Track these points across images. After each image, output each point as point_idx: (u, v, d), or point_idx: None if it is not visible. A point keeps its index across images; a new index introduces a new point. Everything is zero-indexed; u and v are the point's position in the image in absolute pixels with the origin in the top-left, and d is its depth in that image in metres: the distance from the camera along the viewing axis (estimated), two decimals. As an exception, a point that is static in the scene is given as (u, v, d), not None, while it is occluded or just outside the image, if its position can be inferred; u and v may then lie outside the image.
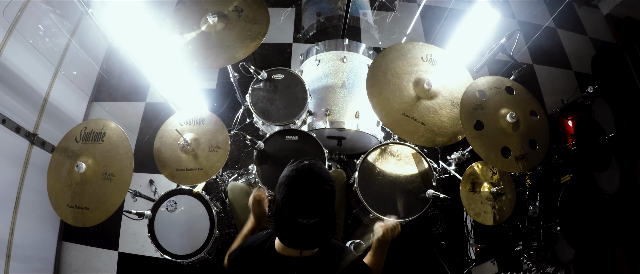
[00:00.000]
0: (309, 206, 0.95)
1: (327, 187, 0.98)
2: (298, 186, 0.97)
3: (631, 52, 3.50)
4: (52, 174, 1.60)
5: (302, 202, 0.95)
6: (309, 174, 0.98)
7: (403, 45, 1.79)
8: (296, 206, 0.95)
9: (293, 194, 0.96)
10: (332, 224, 1.02)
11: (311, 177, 0.98)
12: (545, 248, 2.27)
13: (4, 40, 2.06)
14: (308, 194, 0.96)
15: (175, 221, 1.81)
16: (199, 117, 1.78)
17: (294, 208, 0.95)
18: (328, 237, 1.02)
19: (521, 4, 3.84)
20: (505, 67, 2.88)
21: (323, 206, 0.97)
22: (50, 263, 2.37)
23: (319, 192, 0.97)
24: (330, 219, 1.00)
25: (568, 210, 2.09)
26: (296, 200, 0.96)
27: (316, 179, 0.98)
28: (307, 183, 0.97)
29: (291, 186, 0.97)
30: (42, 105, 2.38)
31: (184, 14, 1.87)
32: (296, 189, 0.96)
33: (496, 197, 1.82)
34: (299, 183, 0.97)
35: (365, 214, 1.81)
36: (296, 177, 0.98)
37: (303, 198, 0.95)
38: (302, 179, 0.97)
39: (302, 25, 3.45)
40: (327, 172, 1.02)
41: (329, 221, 0.99)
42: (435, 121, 1.66)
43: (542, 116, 1.69)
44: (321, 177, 0.98)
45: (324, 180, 0.98)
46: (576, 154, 2.31)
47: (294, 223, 0.95)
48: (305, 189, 0.96)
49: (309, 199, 0.95)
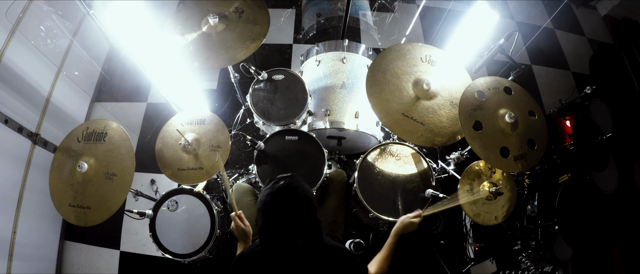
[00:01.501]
0: (289, 229, 0.93)
1: (307, 205, 0.96)
2: (275, 211, 0.94)
3: (629, 52, 3.50)
4: (54, 173, 1.60)
5: (281, 227, 0.93)
6: (284, 196, 0.95)
7: (402, 46, 1.79)
8: (275, 232, 0.93)
9: (271, 220, 0.94)
10: (319, 239, 1.00)
11: (287, 199, 0.95)
12: (543, 247, 2.28)
13: (7, 41, 2.07)
14: (286, 218, 0.93)
15: (176, 221, 1.81)
16: (200, 118, 1.78)
17: (273, 234, 0.94)
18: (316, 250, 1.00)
19: (519, 5, 3.85)
20: (503, 67, 2.90)
21: (304, 226, 0.94)
22: (52, 262, 2.38)
23: (297, 213, 0.94)
24: (315, 235, 0.98)
25: (566, 209, 2.09)
26: (275, 226, 0.93)
27: (293, 200, 0.95)
28: (283, 206, 0.94)
29: (267, 212, 0.95)
30: (44, 105, 2.38)
31: (185, 14, 1.87)
32: (273, 215, 0.94)
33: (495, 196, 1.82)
34: (275, 208, 0.94)
35: (365, 213, 1.81)
36: (271, 202, 0.95)
37: (282, 223, 0.93)
38: (278, 203, 0.94)
39: (302, 26, 3.46)
40: (304, 189, 0.99)
41: (313, 238, 0.97)
42: (434, 121, 1.66)
43: (541, 115, 1.69)
44: (297, 197, 0.96)
45: (302, 198, 0.96)
46: (574, 154, 2.30)
47: (280, 247, 0.93)
48: (282, 213, 0.94)
49: (288, 222, 0.93)
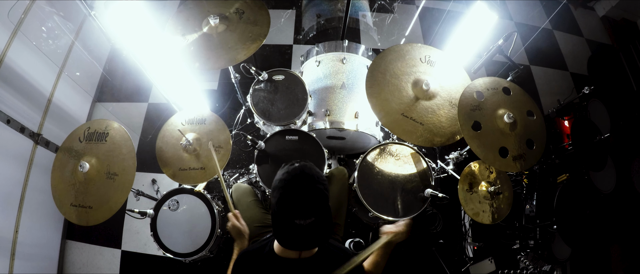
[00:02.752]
0: (303, 206, 0.96)
1: (320, 187, 0.99)
2: (291, 188, 0.97)
3: (626, 53, 3.51)
4: (56, 173, 1.61)
5: (296, 204, 0.96)
6: (300, 176, 0.99)
7: (402, 47, 1.80)
8: (291, 208, 0.96)
9: (287, 196, 0.97)
10: (329, 223, 1.02)
11: (303, 178, 0.98)
12: (542, 247, 2.29)
13: (9, 41, 2.08)
14: (301, 195, 0.96)
15: (177, 220, 1.82)
16: (200, 118, 1.79)
17: (288, 209, 0.96)
18: (326, 236, 1.03)
19: (518, 5, 3.86)
20: (502, 68, 2.91)
21: (317, 206, 0.97)
22: (54, 261, 2.38)
23: (312, 192, 0.97)
24: (326, 217, 1.00)
25: (564, 209, 2.10)
26: (290, 202, 0.96)
27: (308, 180, 0.98)
28: (299, 184, 0.98)
29: (284, 188, 0.98)
30: (46, 105, 2.39)
31: (186, 15, 1.89)
32: (289, 191, 0.97)
33: (494, 196, 1.84)
34: (291, 185, 0.98)
35: (365, 213, 1.82)
36: (288, 180, 0.99)
37: (297, 199, 0.96)
38: (295, 181, 0.98)
39: (303, 27, 3.46)
40: (319, 172, 1.03)
41: (325, 220, 1.00)
42: (433, 121, 1.67)
43: (539, 116, 1.70)
44: (312, 177, 0.99)
45: (315, 180, 0.99)
46: (572, 154, 2.32)
47: (291, 225, 0.96)
48: (298, 191, 0.97)
49: (302, 199, 0.96)
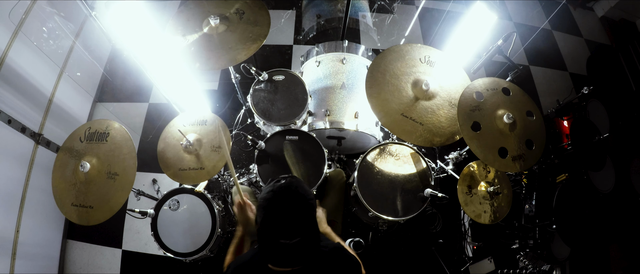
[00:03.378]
0: (288, 227, 0.93)
1: (306, 205, 0.97)
2: (275, 208, 0.96)
3: (625, 53, 3.51)
4: (57, 173, 1.61)
5: (280, 224, 0.94)
6: (285, 194, 0.97)
7: (401, 47, 1.80)
8: (275, 229, 0.94)
9: (271, 216, 0.95)
10: (316, 239, 1.01)
11: (288, 197, 0.96)
12: (541, 246, 2.29)
13: (10, 42, 2.09)
14: (286, 215, 0.95)
15: (177, 220, 1.82)
16: (201, 118, 1.80)
17: (273, 230, 0.94)
18: (312, 252, 1.01)
19: (517, 6, 3.87)
20: (502, 68, 2.92)
21: (302, 225, 0.95)
22: (55, 260, 2.39)
23: (297, 212, 0.96)
24: (313, 235, 0.99)
25: (564, 209, 2.10)
26: (274, 223, 0.94)
27: (293, 198, 0.96)
28: (284, 204, 0.96)
29: (268, 208, 0.96)
30: (47, 106, 2.40)
31: (186, 16, 1.89)
32: (273, 212, 0.95)
33: (493, 196, 1.84)
34: (275, 205, 0.96)
35: (365, 213, 1.82)
36: (272, 199, 0.97)
37: (281, 220, 0.94)
38: (279, 200, 0.96)
39: (303, 27, 3.47)
40: (305, 189, 1.01)
41: (311, 238, 0.98)
42: (433, 121, 1.67)
43: (539, 116, 1.70)
44: (298, 195, 0.97)
45: (301, 197, 0.98)
46: (572, 154, 2.31)
47: (276, 244, 0.94)
48: (282, 211, 0.95)
49: (287, 220, 0.94)
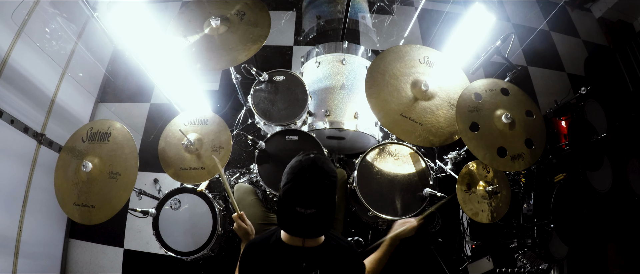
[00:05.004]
0: (306, 196, 0.99)
1: (327, 181, 1.01)
2: (299, 176, 1.00)
3: (623, 54, 3.52)
4: (59, 173, 1.62)
5: (300, 192, 0.99)
6: (311, 167, 1.01)
7: (401, 48, 1.80)
8: (295, 195, 0.99)
9: (293, 183, 1.00)
10: (330, 216, 1.05)
11: (313, 170, 1.01)
12: (539, 245, 2.30)
13: (12, 43, 2.10)
14: (307, 185, 0.99)
15: (179, 219, 1.82)
16: (202, 118, 1.81)
17: (292, 196, 1.00)
18: (325, 228, 1.06)
19: (516, 7, 3.88)
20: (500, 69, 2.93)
21: (321, 198, 1.00)
22: (57, 259, 2.40)
23: (318, 185, 1.00)
24: (329, 211, 1.03)
25: (561, 208, 2.11)
26: (295, 189, 0.99)
27: (317, 172, 1.01)
28: (308, 175, 1.00)
29: (293, 175, 1.01)
30: (49, 106, 2.41)
31: (188, 17, 1.89)
32: (297, 179, 1.00)
33: (492, 195, 1.85)
34: (300, 174, 1.01)
35: (364, 212, 1.82)
36: (299, 168, 1.02)
37: (302, 188, 0.99)
38: (304, 171, 1.01)
39: (303, 28, 3.48)
40: (330, 167, 1.05)
41: (326, 213, 1.02)
42: (432, 121, 1.68)
43: (539, 115, 1.71)
44: (323, 171, 1.01)
45: (325, 173, 1.01)
46: (569, 154, 2.33)
47: (292, 211, 0.99)
48: (305, 180, 1.00)
49: (307, 190, 0.99)
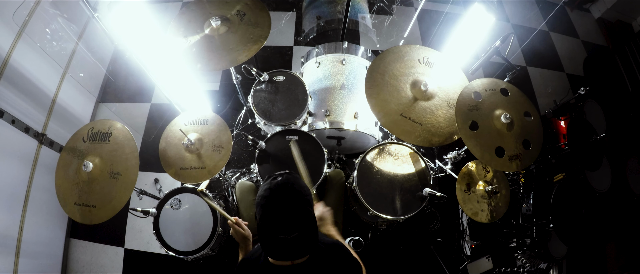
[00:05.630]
0: (285, 223, 0.96)
1: (301, 201, 0.99)
2: (272, 205, 0.98)
3: (622, 54, 3.52)
4: (60, 173, 1.62)
5: (278, 221, 0.96)
6: (281, 191, 0.99)
7: (400, 48, 1.81)
8: (273, 225, 0.96)
9: (268, 214, 0.97)
10: (315, 233, 1.03)
11: (284, 194, 0.98)
12: (538, 245, 2.30)
13: (14, 43, 2.11)
14: (283, 212, 0.97)
15: (179, 219, 1.83)
16: (202, 118, 1.81)
17: (271, 227, 0.96)
18: (312, 245, 1.03)
19: (515, 7, 3.89)
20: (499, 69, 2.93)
21: (299, 220, 0.97)
22: (58, 259, 2.41)
23: (293, 208, 0.98)
24: (311, 229, 1.01)
25: (561, 208, 2.12)
26: (272, 220, 0.97)
27: (289, 195, 0.98)
28: (280, 201, 0.98)
29: (265, 206, 0.98)
30: (50, 106, 2.42)
31: (188, 17, 1.90)
32: (270, 209, 0.97)
33: (491, 195, 1.86)
34: (272, 202, 0.98)
35: (364, 212, 1.83)
36: (269, 197, 0.99)
37: (278, 217, 0.96)
38: (275, 198, 0.98)
39: (303, 29, 3.49)
40: (301, 185, 1.03)
41: (309, 232, 1.00)
42: (431, 121, 1.69)
43: (537, 117, 1.72)
44: (294, 192, 0.99)
45: (297, 194, 0.99)
46: (568, 154, 2.34)
47: (276, 239, 0.97)
48: (279, 208, 0.97)
49: (284, 216, 0.96)
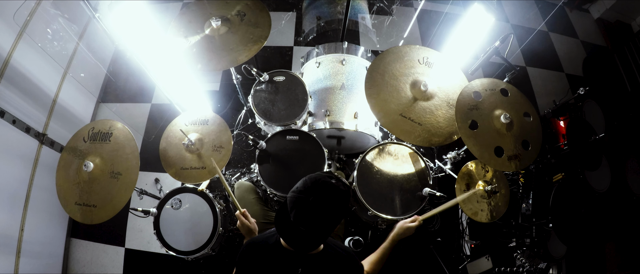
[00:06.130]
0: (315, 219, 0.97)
1: (343, 207, 0.99)
2: (316, 203, 0.97)
3: (621, 54, 3.54)
4: (60, 172, 1.62)
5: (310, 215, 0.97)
6: (327, 191, 0.98)
7: (400, 48, 1.81)
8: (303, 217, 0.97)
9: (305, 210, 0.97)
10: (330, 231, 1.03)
11: (330, 195, 0.98)
12: (537, 245, 2.30)
13: (15, 43, 2.11)
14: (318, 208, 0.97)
15: (180, 219, 1.83)
16: (203, 118, 1.81)
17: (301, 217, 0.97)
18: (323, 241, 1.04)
19: (515, 8, 3.90)
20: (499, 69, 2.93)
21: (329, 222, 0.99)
22: (59, 258, 2.42)
23: (332, 213, 0.98)
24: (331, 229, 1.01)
25: (560, 208, 2.12)
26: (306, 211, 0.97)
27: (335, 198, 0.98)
28: (324, 203, 0.97)
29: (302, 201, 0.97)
30: (51, 106, 2.42)
31: (188, 17, 1.90)
32: (313, 206, 0.97)
33: (491, 195, 1.86)
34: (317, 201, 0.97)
35: (364, 212, 1.83)
36: (312, 189, 0.98)
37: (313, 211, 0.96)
38: (322, 198, 0.97)
39: (303, 29, 3.50)
40: (346, 187, 1.02)
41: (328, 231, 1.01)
42: (431, 121, 1.69)
43: (536, 117, 1.72)
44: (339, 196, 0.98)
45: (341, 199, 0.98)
46: (568, 154, 2.33)
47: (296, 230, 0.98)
48: (320, 208, 0.97)
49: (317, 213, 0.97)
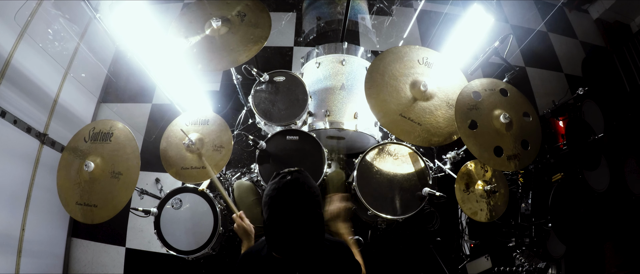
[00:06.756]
0: (292, 223, 0.94)
1: (311, 203, 0.97)
2: (280, 207, 0.95)
3: (620, 55, 3.55)
4: (61, 172, 1.63)
5: (286, 220, 0.94)
6: (290, 192, 0.95)
7: (400, 49, 1.82)
8: (280, 225, 0.94)
9: (276, 216, 0.95)
10: (320, 234, 1.01)
11: (293, 195, 0.95)
12: (537, 244, 2.30)
13: (15, 43, 2.11)
14: (290, 212, 0.94)
15: (180, 218, 1.84)
16: (203, 118, 1.82)
17: (279, 228, 0.95)
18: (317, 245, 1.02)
19: (514, 8, 3.90)
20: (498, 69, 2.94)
21: (307, 222, 0.95)
22: (60, 258, 2.42)
23: (302, 209, 0.95)
24: (317, 230, 0.99)
25: (559, 207, 2.13)
26: (280, 219, 0.94)
27: (298, 196, 0.95)
28: (288, 202, 0.95)
29: (273, 207, 0.96)
30: (52, 106, 2.43)
31: (189, 18, 1.91)
32: (278, 209, 0.95)
33: (490, 194, 1.87)
34: (280, 204, 0.95)
35: (364, 211, 1.84)
36: (276, 197, 0.96)
37: (286, 217, 0.94)
38: (284, 199, 0.95)
39: (303, 29, 3.50)
40: (310, 184, 1.00)
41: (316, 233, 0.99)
42: (431, 121, 1.70)
43: (535, 117, 1.73)
44: (303, 193, 0.96)
45: (305, 195, 0.96)
46: (567, 154, 2.34)
47: (281, 238, 0.96)
48: (287, 208, 0.94)
49: (291, 217, 0.94)
